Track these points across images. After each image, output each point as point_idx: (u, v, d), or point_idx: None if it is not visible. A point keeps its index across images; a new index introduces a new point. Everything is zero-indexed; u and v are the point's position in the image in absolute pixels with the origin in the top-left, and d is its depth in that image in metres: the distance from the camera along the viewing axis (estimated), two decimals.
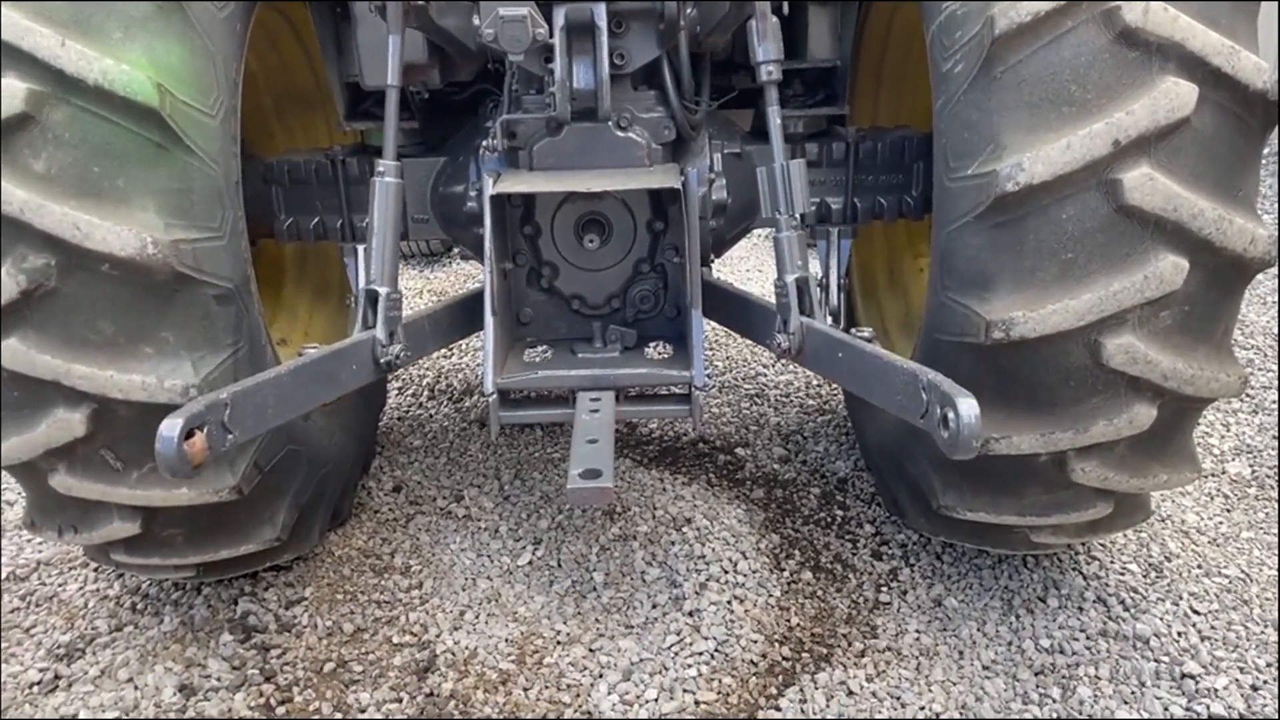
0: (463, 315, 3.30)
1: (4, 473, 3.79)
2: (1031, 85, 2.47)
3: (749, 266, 7.32)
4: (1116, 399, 2.62)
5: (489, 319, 2.91)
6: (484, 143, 3.04)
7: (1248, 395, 4.72)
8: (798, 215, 2.66)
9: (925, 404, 2.11)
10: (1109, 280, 2.48)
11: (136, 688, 2.98)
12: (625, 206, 3.14)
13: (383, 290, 2.69)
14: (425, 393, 5.00)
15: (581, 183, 2.87)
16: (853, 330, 2.78)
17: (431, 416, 4.71)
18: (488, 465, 4.22)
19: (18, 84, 2.35)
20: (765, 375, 5.10)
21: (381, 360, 2.69)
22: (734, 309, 3.32)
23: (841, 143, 3.44)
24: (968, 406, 1.98)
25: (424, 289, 6.87)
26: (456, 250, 7.60)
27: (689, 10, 3.00)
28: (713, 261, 3.59)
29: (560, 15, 2.81)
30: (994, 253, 2.57)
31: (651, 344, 3.25)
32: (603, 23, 2.82)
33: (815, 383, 4.97)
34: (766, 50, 2.61)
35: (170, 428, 1.96)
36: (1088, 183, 2.43)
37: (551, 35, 2.79)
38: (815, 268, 3.53)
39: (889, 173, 3.49)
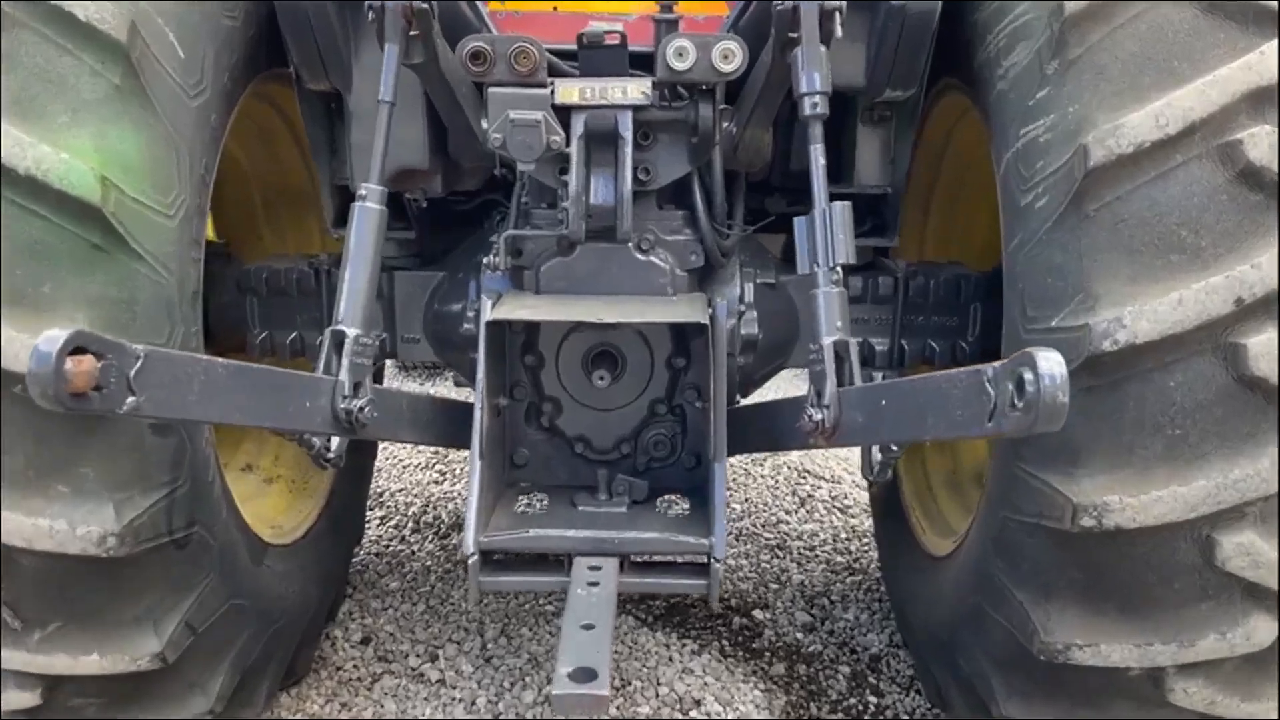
0: (449, 420, 2.85)
1: None
2: (1132, 227, 2.08)
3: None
4: (1230, 608, 2.16)
5: (475, 464, 2.47)
6: (485, 259, 2.66)
7: None
8: (839, 268, 2.23)
9: (993, 398, 1.61)
10: (1227, 465, 2.05)
11: None
12: (642, 339, 2.74)
13: (351, 332, 2.23)
14: (409, 524, 4.53)
15: (592, 312, 2.48)
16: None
17: (413, 553, 4.23)
18: (470, 617, 3.71)
19: None
20: (787, 523, 4.61)
21: (340, 408, 2.18)
22: (757, 422, 2.88)
23: (889, 277, 3.05)
24: (1049, 361, 1.49)
25: None
26: None
27: (725, 123, 2.65)
28: (738, 403, 3.17)
29: (579, 122, 2.47)
30: (1084, 422, 2.13)
31: (664, 498, 2.80)
32: (628, 133, 2.47)
33: (843, 535, 4.48)
34: (811, 80, 2.22)
35: (51, 341, 1.49)
36: (1203, 346, 2.03)
37: (568, 144, 2.44)
38: None
39: (942, 314, 3.09)
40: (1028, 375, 1.51)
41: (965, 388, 1.73)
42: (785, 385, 6.76)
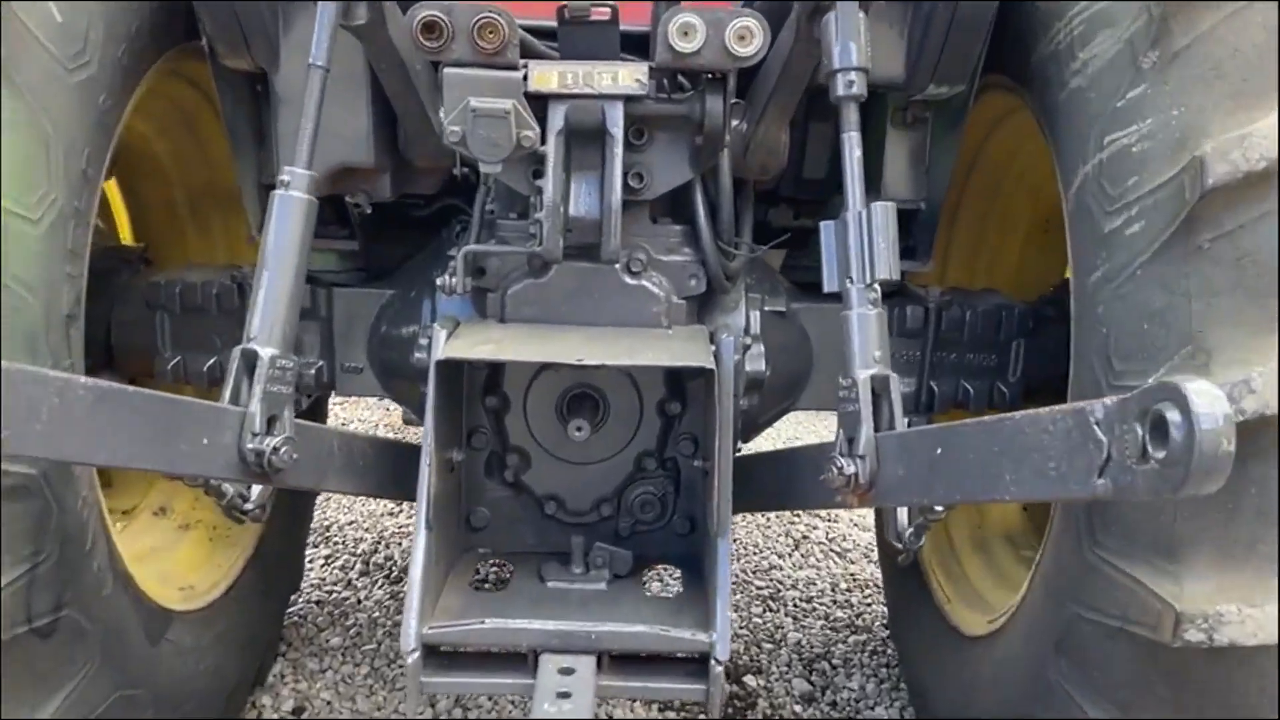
0: (394, 466, 2.35)
1: None
2: (1260, 265, 1.66)
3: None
4: None
5: (420, 536, 1.99)
6: (440, 278, 2.19)
7: None
8: (877, 284, 1.83)
9: (1106, 446, 1.22)
10: None
11: None
12: (630, 381, 2.29)
13: (266, 352, 1.79)
14: (358, 565, 4.02)
15: (570, 350, 2.00)
16: None
17: (360, 602, 3.73)
18: None
19: None
20: (781, 569, 4.16)
21: (249, 449, 1.73)
22: (767, 476, 2.44)
23: (919, 307, 2.60)
24: (1205, 396, 1.08)
25: (380, 421, 5.95)
26: None
27: (736, 120, 2.19)
28: (739, 450, 2.71)
29: (559, 114, 2.01)
30: (1192, 508, 1.69)
31: (651, 569, 2.35)
32: (618, 129, 2.01)
33: (843, 585, 4.03)
34: (846, 53, 1.80)
35: None
36: None
37: (544, 141, 1.98)
38: None
39: (979, 350, 2.65)
40: (1172, 415, 1.09)
41: (1061, 432, 1.32)
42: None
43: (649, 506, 2.36)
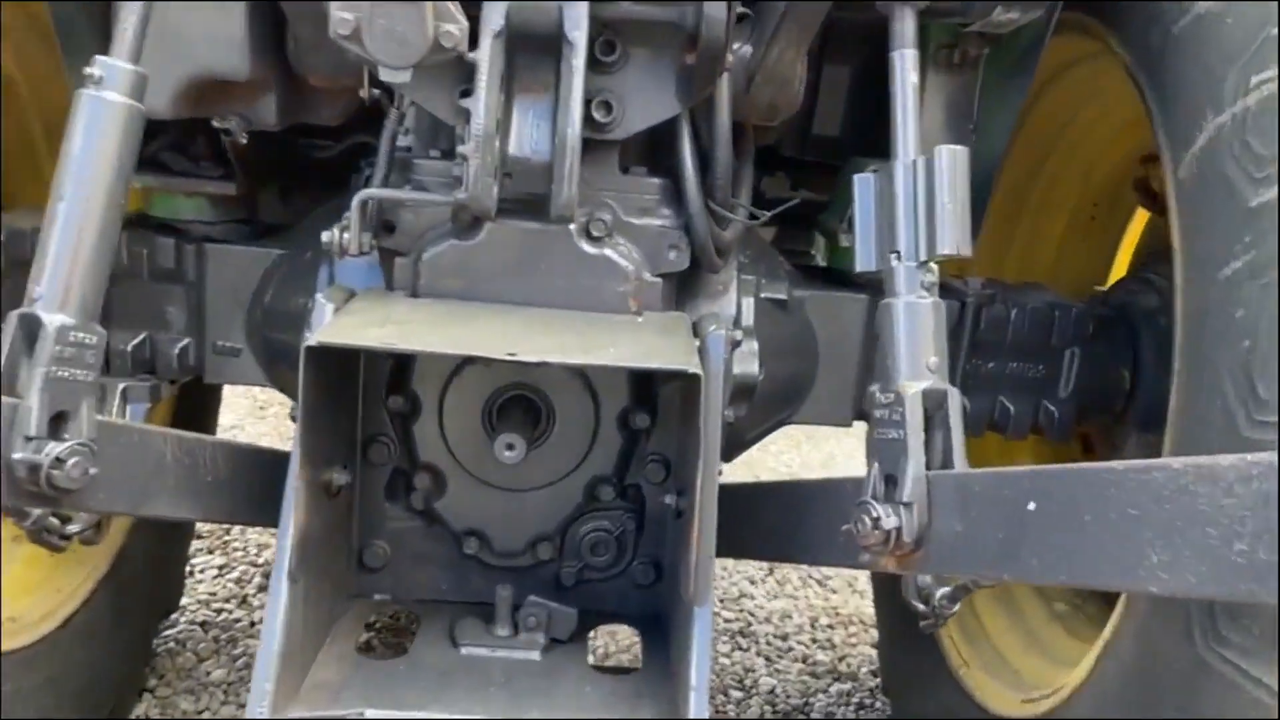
0: (258, 482, 1.74)
1: None
2: None
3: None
4: None
5: (281, 588, 1.43)
6: (327, 234, 1.61)
7: None
8: (935, 266, 1.44)
9: None
10: None
11: None
12: (583, 383, 1.74)
13: (53, 320, 1.31)
14: (257, 578, 3.43)
15: (499, 340, 1.45)
16: None
17: (254, 625, 3.15)
18: None
19: None
20: (752, 598, 3.63)
21: (18, 459, 1.23)
22: (763, 516, 1.94)
23: (954, 301, 2.07)
24: None
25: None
26: None
27: (738, 43, 1.64)
28: (718, 474, 2.17)
29: (497, 11, 1.46)
30: None
31: (600, 630, 1.81)
32: (579, 35, 1.46)
33: (824, 620, 3.52)
34: None
35: None
36: None
37: (474, 45, 1.42)
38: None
39: (1024, 359, 2.14)
40: None
41: (1259, 496, 0.88)
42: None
43: (602, 548, 1.81)
